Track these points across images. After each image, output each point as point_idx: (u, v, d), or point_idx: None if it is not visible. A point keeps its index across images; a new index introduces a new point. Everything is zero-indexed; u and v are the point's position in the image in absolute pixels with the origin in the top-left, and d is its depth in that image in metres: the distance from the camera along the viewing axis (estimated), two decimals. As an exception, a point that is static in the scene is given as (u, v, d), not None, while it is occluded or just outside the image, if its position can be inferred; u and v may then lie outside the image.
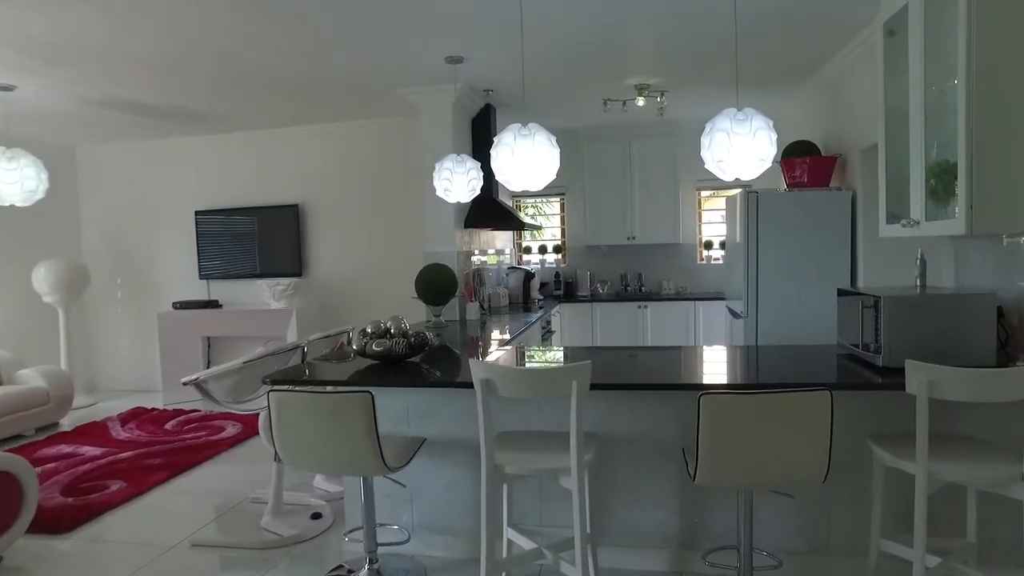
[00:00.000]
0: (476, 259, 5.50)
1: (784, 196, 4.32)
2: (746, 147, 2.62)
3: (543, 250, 7.08)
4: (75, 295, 6.09)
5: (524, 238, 7.18)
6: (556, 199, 7.08)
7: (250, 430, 4.81)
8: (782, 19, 3.67)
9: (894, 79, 2.92)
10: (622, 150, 6.36)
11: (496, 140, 2.86)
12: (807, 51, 4.27)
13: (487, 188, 4.66)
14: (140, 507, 3.56)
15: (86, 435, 4.88)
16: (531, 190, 2.93)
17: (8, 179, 4.48)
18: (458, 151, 4.17)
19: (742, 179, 2.76)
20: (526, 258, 7.16)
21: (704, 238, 6.69)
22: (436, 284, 4.45)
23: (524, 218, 5.91)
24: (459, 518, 2.90)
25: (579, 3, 3.33)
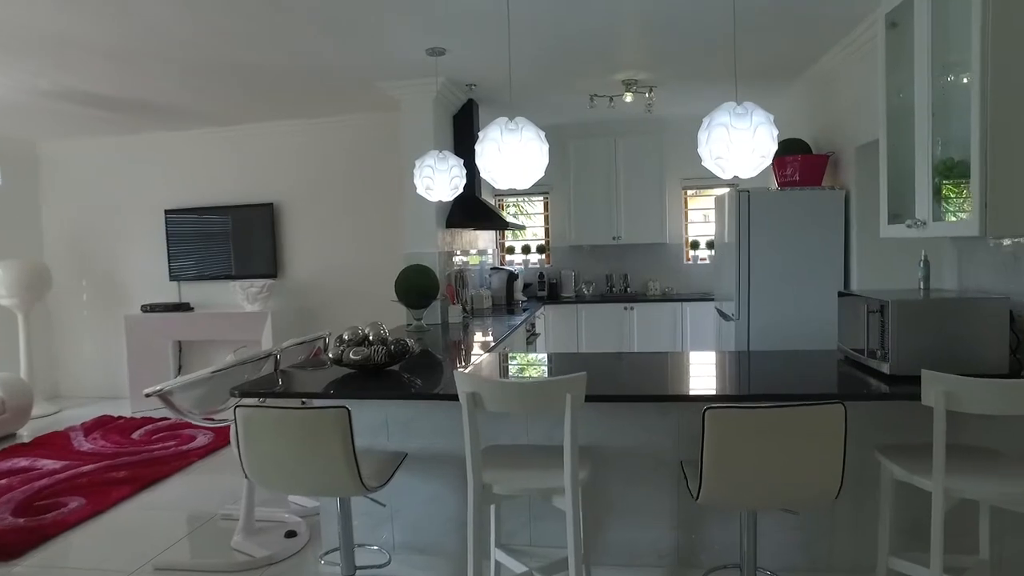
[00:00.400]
0: (458, 259, 5.33)
1: (776, 195, 4.21)
2: (746, 143, 2.48)
3: (526, 250, 6.92)
4: (36, 297, 5.79)
5: (506, 238, 7.01)
6: (539, 198, 6.92)
7: (223, 439, 4.59)
8: (775, 14, 3.55)
9: (896, 74, 2.81)
10: (607, 148, 6.22)
11: (481, 135, 2.69)
12: (799, 47, 4.16)
13: (469, 186, 4.48)
14: (101, 527, 3.33)
15: (45, 447, 4.61)
16: (518, 188, 2.77)
17: (-41, 176, 4.21)
18: (440, 148, 3.99)
19: (741, 177, 2.62)
20: (509, 258, 7.00)
21: (690, 238, 6.58)
22: (417, 287, 4.26)
23: (507, 218, 5.75)
24: (443, 536, 2.73)
25: (567, -8, 3.18)
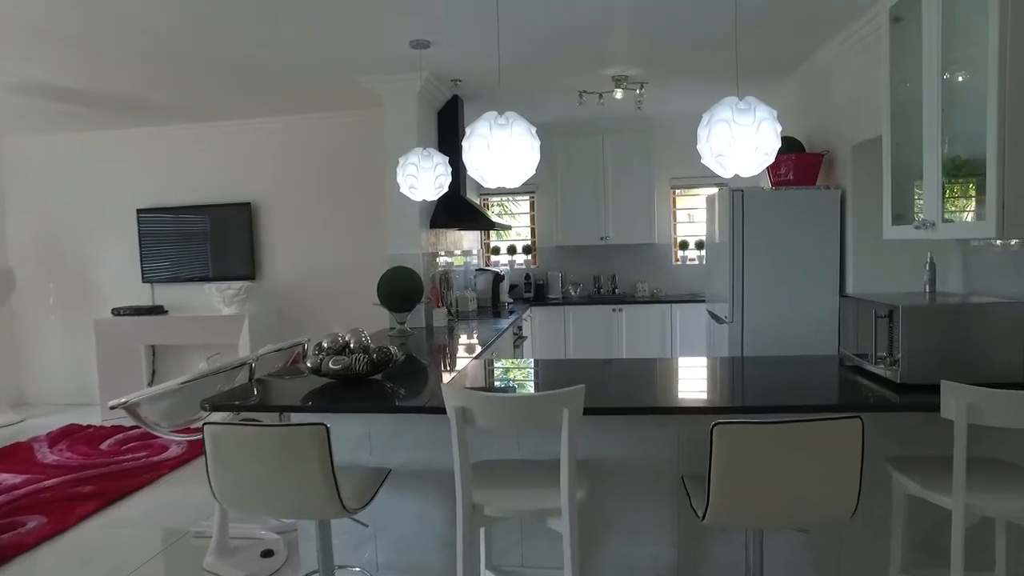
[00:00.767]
0: (442, 260, 5.17)
1: (770, 195, 4.10)
2: (749, 140, 2.35)
3: (512, 251, 6.77)
4: None
5: (491, 238, 6.86)
6: (525, 197, 6.78)
7: (197, 449, 4.39)
8: (769, 9, 3.43)
9: (900, 70, 2.70)
10: (595, 146, 6.09)
11: (469, 130, 2.54)
12: (793, 43, 4.06)
13: (454, 185, 4.33)
14: (61, 548, 3.12)
15: (6, 459, 4.38)
16: (507, 187, 2.62)
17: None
18: (424, 145, 3.83)
19: (742, 175, 2.50)
20: (494, 259, 6.85)
21: (679, 238, 6.47)
22: (400, 289, 4.10)
23: (493, 217, 5.60)
24: (429, 556, 2.57)
25: (558, -18, 3.04)
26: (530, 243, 6.78)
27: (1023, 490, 1.88)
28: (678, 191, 6.47)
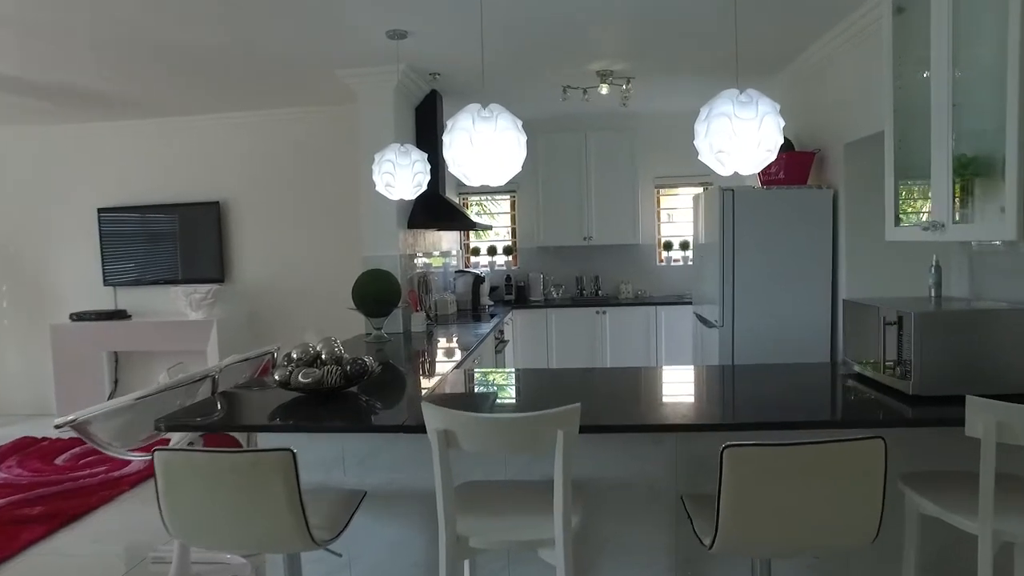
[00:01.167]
0: (420, 262, 4.96)
1: (762, 194, 3.98)
2: (751, 136, 2.21)
3: (492, 251, 6.58)
4: (-51, 306, 5.21)
5: (471, 238, 6.66)
6: (506, 197, 6.60)
7: (159, 464, 4.12)
8: (759, 1, 3.30)
9: (903, 64, 2.58)
10: (577, 143, 5.93)
11: (450, 124, 2.35)
12: (783, 38, 3.93)
13: (433, 183, 4.14)
14: (6, 577, 2.88)
15: (-48, 477, 4.08)
16: (491, 185, 2.44)
17: None
18: (401, 142, 3.63)
19: (742, 173, 2.35)
20: (474, 260, 6.65)
21: (663, 238, 6.34)
22: (377, 293, 3.89)
23: (474, 217, 5.41)
24: (408, 584, 2.38)
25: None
26: (511, 243, 6.60)
27: (1048, 511, 1.75)
28: (660, 191, 6.34)
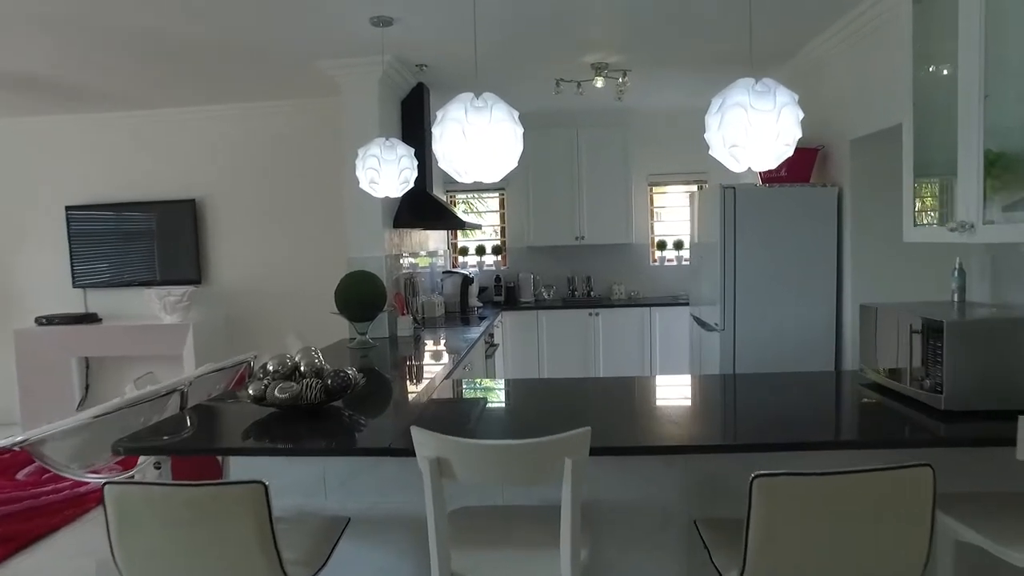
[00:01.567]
0: (406, 262, 4.75)
1: (764, 192, 3.82)
2: (769, 128, 2.03)
3: (480, 251, 6.38)
4: (-95, 310, 4.92)
5: (458, 237, 6.46)
6: (494, 195, 6.40)
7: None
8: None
9: (923, 53, 2.42)
10: (568, 139, 5.74)
11: (440, 114, 2.16)
12: (787, 30, 3.77)
13: (420, 180, 3.93)
14: (-46, 611, 2.64)
15: (-97, 495, 3.80)
16: (485, 181, 2.24)
17: None
18: (386, 136, 3.42)
19: (757, 169, 2.17)
20: (461, 260, 6.45)
21: (657, 237, 6.18)
22: (361, 297, 3.68)
23: (464, 216, 5.21)
24: (396, 617, 2.18)
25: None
26: (499, 243, 6.40)
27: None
28: (652, 189, 6.18)
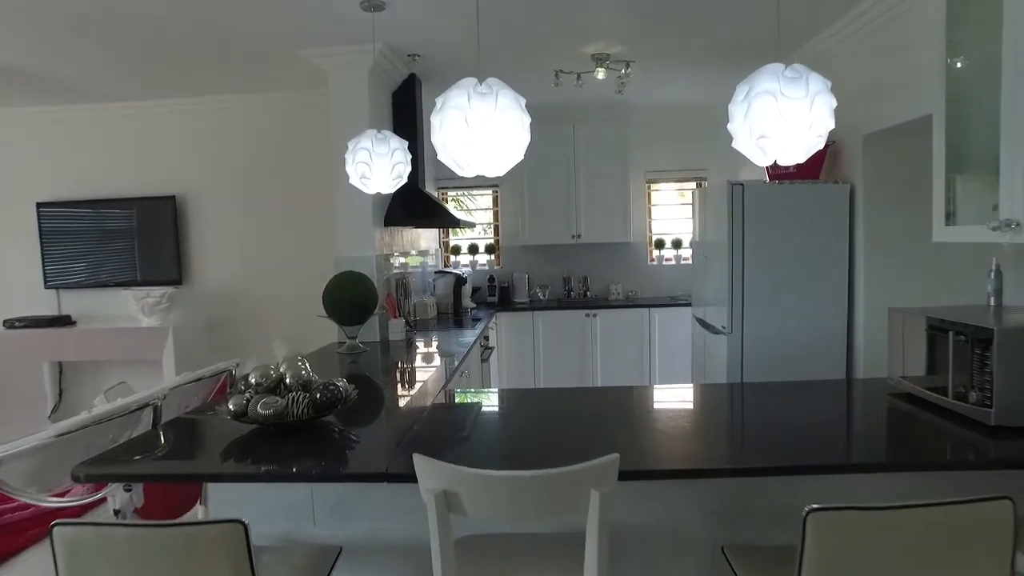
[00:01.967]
0: (397, 261, 4.54)
1: (774, 190, 3.65)
2: (801, 118, 1.86)
3: (473, 250, 6.19)
4: None
5: (449, 236, 6.26)
6: (487, 191, 6.20)
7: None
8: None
9: (957, 41, 2.26)
10: (565, 135, 5.56)
11: (440, 101, 1.96)
12: (795, 21, 3.61)
13: (412, 176, 3.72)
14: (-97, 647, 2.40)
15: None
16: (489, 175, 2.05)
17: None
18: (378, 130, 3.22)
19: (785, 162, 2.00)
20: (453, 259, 6.25)
21: (655, 236, 6.01)
22: (351, 299, 3.48)
23: (458, 214, 5.00)
24: (393, 654, 1.99)
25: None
26: (493, 242, 6.21)
27: None
28: (650, 186, 6.01)
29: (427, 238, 5.62)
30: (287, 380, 2.04)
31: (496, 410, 2.29)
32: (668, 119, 5.75)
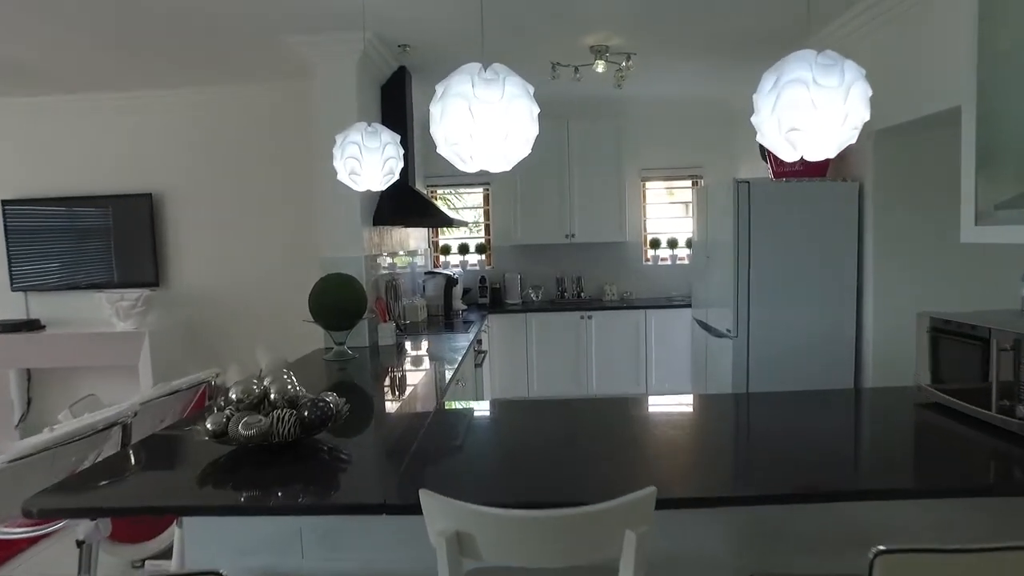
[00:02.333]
0: (386, 262, 4.35)
1: (779, 188, 3.52)
2: (836, 109, 1.71)
3: (464, 250, 6.01)
4: None
5: (438, 235, 6.07)
6: (478, 189, 6.02)
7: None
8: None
9: (989, 24, 2.13)
10: (558, 132, 5.40)
11: (440, 89, 1.78)
12: (802, 13, 3.47)
13: (402, 173, 3.54)
14: None
15: None
16: (494, 170, 1.87)
17: None
18: (368, 123, 3.03)
19: (816, 158, 1.84)
20: (443, 259, 6.07)
21: (650, 235, 5.87)
22: (339, 303, 3.28)
23: (451, 213, 4.82)
24: None
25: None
26: (484, 241, 6.03)
27: None
28: (645, 184, 5.87)
29: (416, 238, 5.43)
30: (271, 396, 1.86)
31: (499, 425, 2.12)
32: (664, 115, 5.62)
